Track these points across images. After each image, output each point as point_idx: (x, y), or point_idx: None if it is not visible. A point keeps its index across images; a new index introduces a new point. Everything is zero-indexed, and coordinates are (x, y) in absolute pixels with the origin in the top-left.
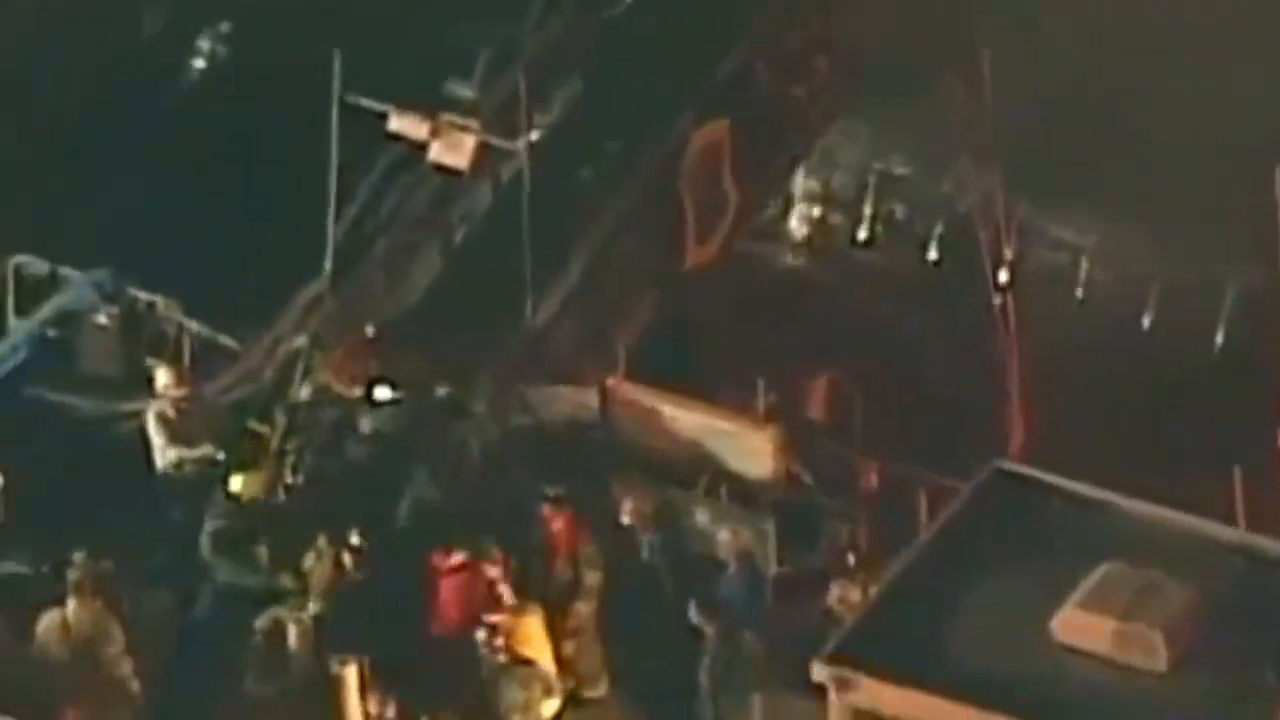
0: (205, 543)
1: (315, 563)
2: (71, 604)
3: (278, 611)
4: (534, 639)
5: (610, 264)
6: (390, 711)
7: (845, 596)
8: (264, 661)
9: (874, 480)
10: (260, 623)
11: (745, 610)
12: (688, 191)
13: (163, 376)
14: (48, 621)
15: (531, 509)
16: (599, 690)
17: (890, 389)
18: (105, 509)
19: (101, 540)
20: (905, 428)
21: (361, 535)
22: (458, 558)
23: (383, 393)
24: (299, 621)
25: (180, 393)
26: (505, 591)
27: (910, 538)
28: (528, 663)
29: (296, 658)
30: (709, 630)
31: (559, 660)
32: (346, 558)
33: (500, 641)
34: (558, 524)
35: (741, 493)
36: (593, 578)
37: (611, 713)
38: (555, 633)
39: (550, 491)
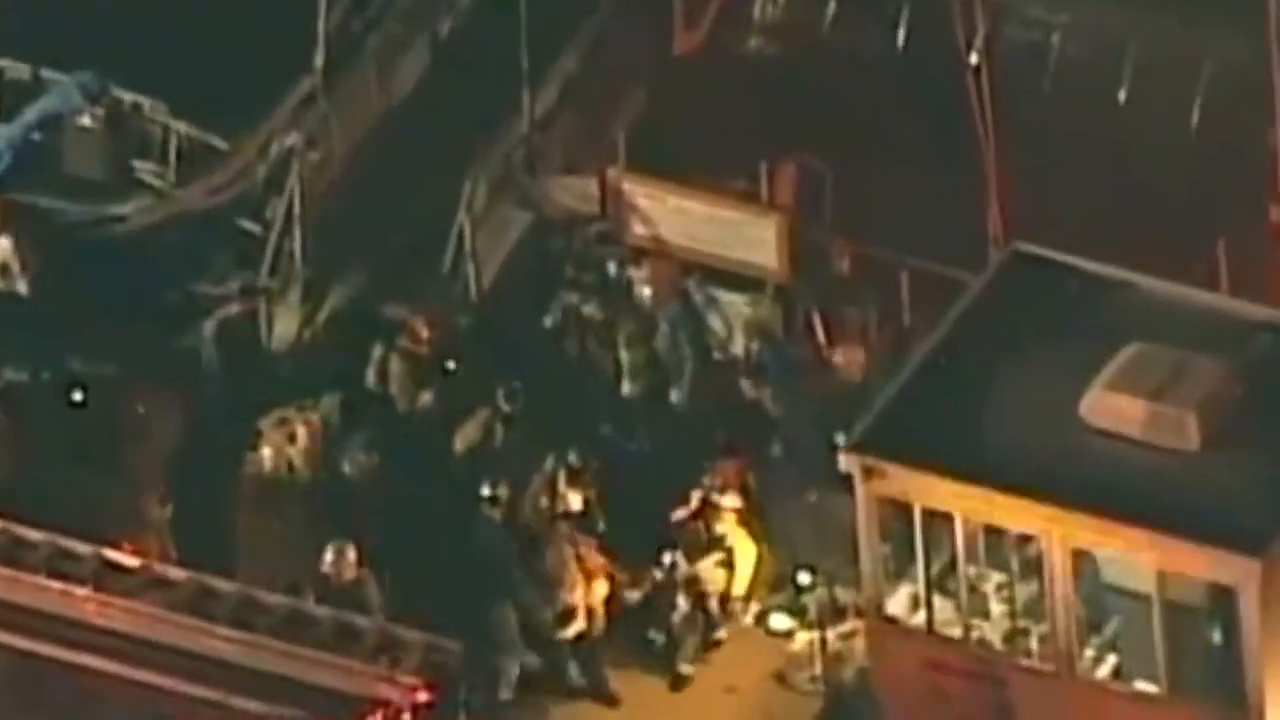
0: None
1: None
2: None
3: (284, 413)
4: None
5: (603, 53)
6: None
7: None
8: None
9: (849, 264)
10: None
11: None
12: None
13: None
14: None
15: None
16: None
17: (863, 173)
18: (94, 312)
19: (96, 343)
20: (880, 211)
21: None
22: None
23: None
24: (308, 424)
25: None
26: None
27: (895, 320)
28: None
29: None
30: (764, 396)
31: None
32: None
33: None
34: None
35: (746, 280)
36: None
37: None
38: None
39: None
